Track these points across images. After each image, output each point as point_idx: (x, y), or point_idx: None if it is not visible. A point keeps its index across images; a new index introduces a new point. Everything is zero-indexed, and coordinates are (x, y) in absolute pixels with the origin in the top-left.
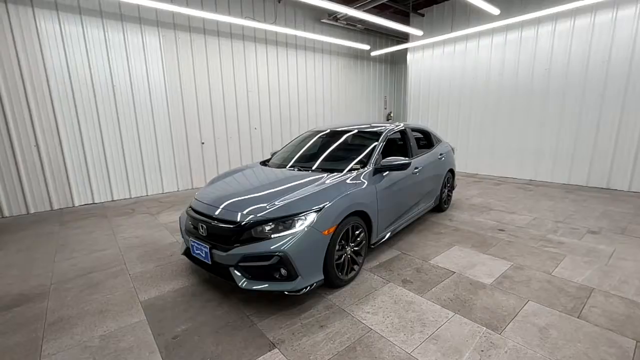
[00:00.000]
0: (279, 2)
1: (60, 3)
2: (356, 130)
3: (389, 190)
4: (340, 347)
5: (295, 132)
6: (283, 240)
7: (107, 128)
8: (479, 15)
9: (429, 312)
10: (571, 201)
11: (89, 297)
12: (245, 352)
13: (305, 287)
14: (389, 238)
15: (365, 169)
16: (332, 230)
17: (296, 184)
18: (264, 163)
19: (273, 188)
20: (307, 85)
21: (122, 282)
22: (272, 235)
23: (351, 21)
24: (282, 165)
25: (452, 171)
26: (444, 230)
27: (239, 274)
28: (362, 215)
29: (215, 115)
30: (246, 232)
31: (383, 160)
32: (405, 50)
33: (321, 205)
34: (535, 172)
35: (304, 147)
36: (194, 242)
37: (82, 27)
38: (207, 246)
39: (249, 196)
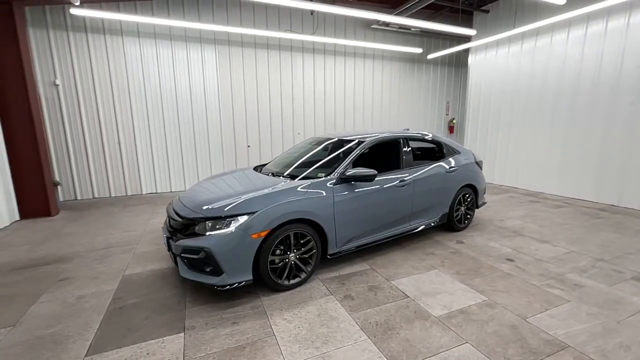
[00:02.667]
0: (312, 14)
1: (142, 31)
2: (341, 139)
3: (357, 201)
4: (232, 345)
5: None
6: (213, 238)
7: (170, 130)
8: (551, 7)
9: (343, 332)
10: None
11: (96, 265)
12: (159, 330)
13: (231, 284)
14: (363, 250)
15: (328, 177)
16: (263, 234)
17: (253, 188)
18: (257, 167)
19: (235, 191)
20: (354, 91)
21: (125, 257)
22: (207, 233)
23: (404, 25)
24: (266, 171)
25: (472, 187)
26: (438, 252)
27: (181, 263)
28: (313, 224)
29: (261, 121)
30: (191, 227)
31: (349, 171)
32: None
33: (254, 209)
34: (619, 195)
35: (293, 154)
36: (164, 232)
37: (156, 48)
38: (166, 236)
39: (211, 196)
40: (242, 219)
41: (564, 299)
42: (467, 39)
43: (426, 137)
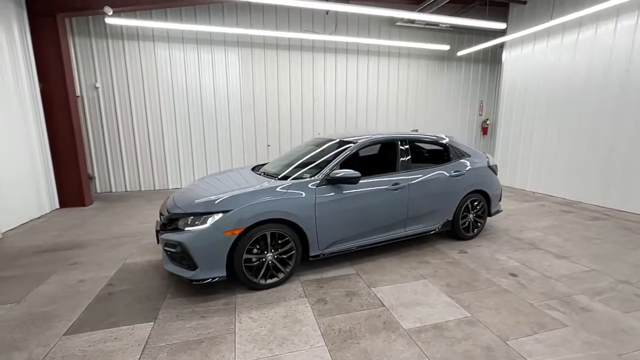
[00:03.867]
0: (327, 13)
1: (171, 36)
2: (341, 140)
3: (342, 204)
4: (193, 338)
5: None
6: (189, 234)
7: (195, 129)
8: None
9: (302, 336)
10: None
11: (104, 253)
12: (133, 318)
13: (204, 279)
14: (354, 253)
15: (311, 179)
16: (236, 232)
17: (238, 188)
18: (255, 167)
19: (220, 190)
20: (377, 91)
21: (130, 247)
22: (186, 228)
23: (431, 21)
24: (261, 171)
25: (483, 193)
26: (435, 261)
27: (165, 255)
28: (293, 225)
29: (281, 121)
30: (174, 222)
31: (333, 173)
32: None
33: (229, 208)
34: None
35: (292, 154)
36: (156, 225)
37: (183, 52)
38: (156, 229)
39: (198, 194)
40: (217, 217)
41: (560, 323)
42: (501, 33)
43: (429, 139)
